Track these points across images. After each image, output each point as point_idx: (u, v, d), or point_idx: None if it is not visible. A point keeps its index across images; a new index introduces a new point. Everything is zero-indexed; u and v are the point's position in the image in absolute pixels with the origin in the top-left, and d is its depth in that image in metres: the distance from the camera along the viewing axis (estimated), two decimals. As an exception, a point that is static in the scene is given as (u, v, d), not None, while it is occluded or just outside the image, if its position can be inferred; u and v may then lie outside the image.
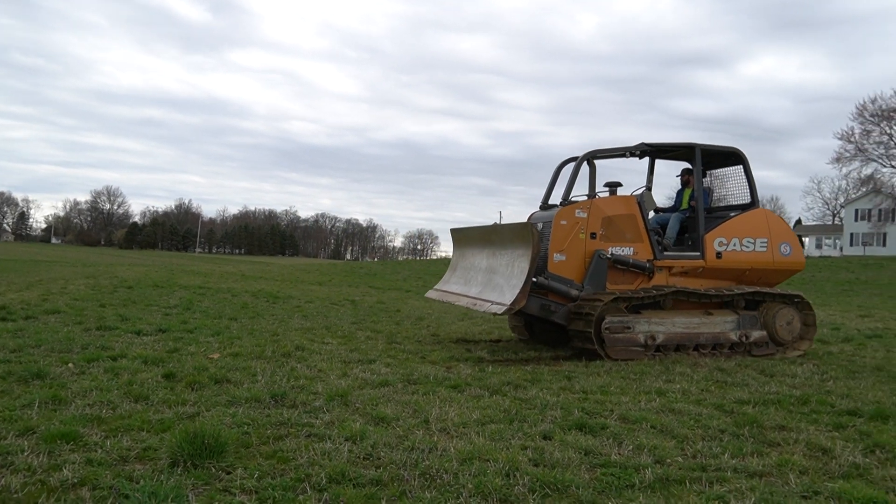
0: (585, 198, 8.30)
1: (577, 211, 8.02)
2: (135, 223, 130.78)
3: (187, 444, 3.45)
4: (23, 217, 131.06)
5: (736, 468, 3.71)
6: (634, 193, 8.52)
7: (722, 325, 8.05)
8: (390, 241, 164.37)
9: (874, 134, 50.60)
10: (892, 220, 56.55)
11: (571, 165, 8.44)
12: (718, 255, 8.31)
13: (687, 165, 9.24)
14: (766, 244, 8.49)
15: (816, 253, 65.73)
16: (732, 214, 8.68)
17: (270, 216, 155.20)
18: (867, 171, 51.90)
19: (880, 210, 55.25)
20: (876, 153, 50.88)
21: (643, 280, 8.16)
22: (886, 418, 4.92)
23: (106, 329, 8.31)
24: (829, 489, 3.39)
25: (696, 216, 8.50)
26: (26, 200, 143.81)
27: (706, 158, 8.95)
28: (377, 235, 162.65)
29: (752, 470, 3.69)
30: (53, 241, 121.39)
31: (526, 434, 4.26)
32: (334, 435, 4.06)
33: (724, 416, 4.91)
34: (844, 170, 53.75)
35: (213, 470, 3.39)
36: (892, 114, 49.47)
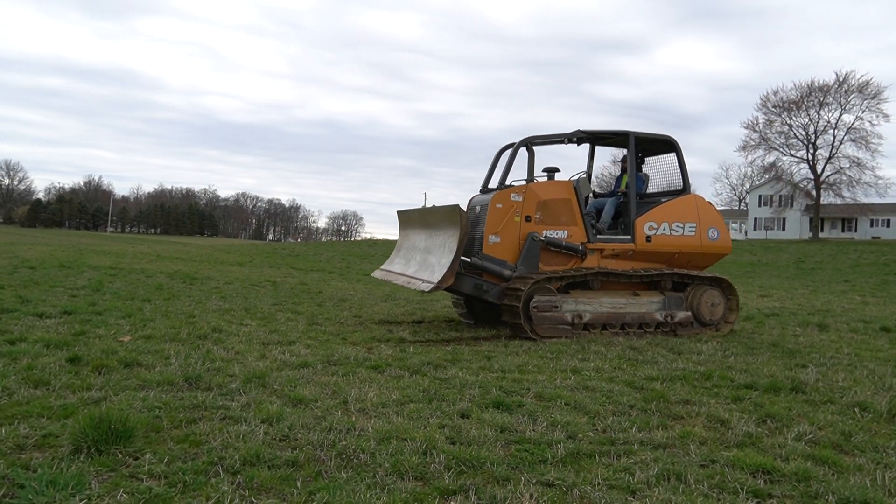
0: (524, 182, 8.56)
1: (512, 195, 8.27)
2: (38, 200, 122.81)
3: (91, 430, 3.30)
4: None
5: (642, 441, 3.90)
6: (572, 179, 8.76)
7: (648, 305, 8.38)
8: (314, 221, 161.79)
9: (776, 124, 53.72)
10: (791, 205, 60.38)
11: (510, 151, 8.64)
12: (648, 238, 8.62)
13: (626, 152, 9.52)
14: (694, 229, 8.82)
15: (724, 237, 69.37)
16: (664, 200, 9.03)
17: (188, 195, 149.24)
18: (770, 159, 55.11)
19: (780, 196, 58.80)
20: (777, 142, 54.06)
21: (576, 262, 8.43)
22: (778, 391, 5.29)
23: (3, 311, 7.80)
24: (724, 457, 3.62)
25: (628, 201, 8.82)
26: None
27: (642, 145, 9.27)
28: (300, 216, 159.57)
29: (657, 442, 3.88)
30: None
31: (444, 413, 4.32)
32: (250, 417, 3.99)
33: (634, 393, 5.14)
34: (749, 157, 56.89)
35: (120, 456, 3.26)
36: (791, 105, 52.57)
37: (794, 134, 53.23)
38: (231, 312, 9.08)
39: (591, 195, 9.59)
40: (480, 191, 9.04)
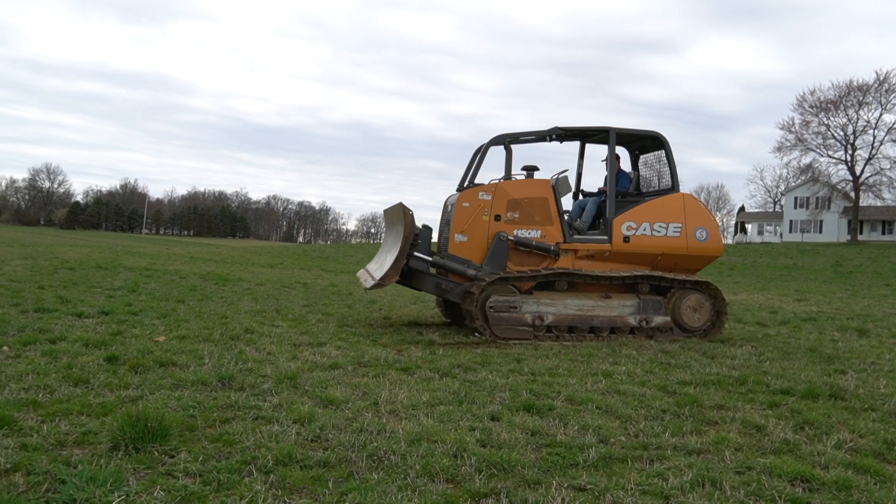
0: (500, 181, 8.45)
1: (480, 193, 8.16)
2: (77, 202, 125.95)
3: (129, 428, 3.37)
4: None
5: (676, 446, 3.84)
6: (554, 177, 8.59)
7: (620, 308, 8.02)
8: (343, 224, 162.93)
9: (813, 125, 52.57)
10: (829, 207, 58.99)
11: (491, 148, 8.52)
12: (626, 239, 8.22)
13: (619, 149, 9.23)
14: (679, 229, 8.29)
15: (758, 239, 68.10)
16: (648, 199, 8.67)
17: (220, 197, 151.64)
18: (806, 160, 53.98)
19: (817, 198, 57.51)
20: (814, 143, 52.90)
21: (550, 262, 8.21)
22: (816, 397, 5.16)
23: (44, 311, 8.01)
24: (761, 464, 3.55)
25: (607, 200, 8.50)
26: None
27: (630, 142, 9.03)
28: (330, 218, 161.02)
29: (691, 448, 3.82)
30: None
31: (474, 415, 4.31)
32: (282, 417, 4.03)
33: (667, 397, 5.07)
34: (785, 159, 55.99)
35: (156, 454, 3.32)
36: (829, 105, 51.40)
37: (832, 134, 52.07)
38: (263, 314, 9.19)
39: (578, 194, 9.42)
40: (457, 189, 8.87)
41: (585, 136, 9.07)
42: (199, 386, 4.73)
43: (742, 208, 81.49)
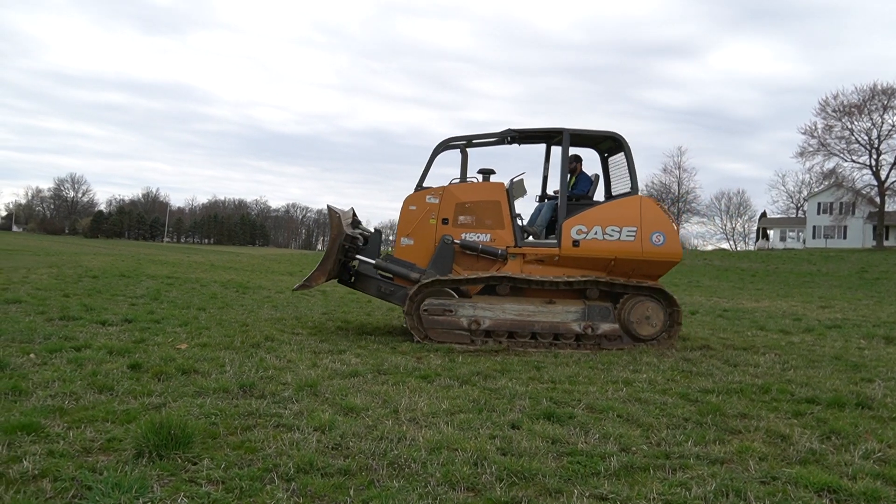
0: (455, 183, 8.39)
1: (427, 197, 8.12)
2: (100, 212, 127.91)
3: (153, 435, 3.41)
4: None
5: (698, 455, 3.79)
6: (512, 179, 8.50)
7: (563, 314, 7.75)
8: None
9: (836, 129, 51.97)
10: (853, 213, 58.07)
11: (447, 149, 8.49)
12: (575, 243, 7.93)
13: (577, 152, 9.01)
14: (633, 233, 7.90)
15: (781, 245, 67.20)
16: (602, 202, 8.44)
17: (240, 206, 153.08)
18: (829, 165, 53.32)
19: (841, 203, 56.69)
20: (837, 148, 52.28)
21: (500, 266, 8.07)
22: (843, 406, 5.07)
23: (69, 319, 8.13)
24: (786, 475, 3.49)
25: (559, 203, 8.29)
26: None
27: (596, 144, 8.85)
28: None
29: (714, 457, 3.77)
30: (14, 229, 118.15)
31: (494, 423, 4.30)
32: (303, 425, 4.05)
33: (689, 405, 5.02)
34: (808, 164, 55.20)
35: (180, 461, 3.36)
36: (852, 109, 50.73)
37: (856, 139, 51.41)
38: (283, 321, 9.25)
39: (545, 198, 9.25)
40: (415, 191, 8.74)
41: (539, 137, 8.82)
42: (221, 393, 4.77)
43: (764, 214, 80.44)
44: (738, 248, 73.77)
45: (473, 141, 8.55)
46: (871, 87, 49.95)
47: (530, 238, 8.38)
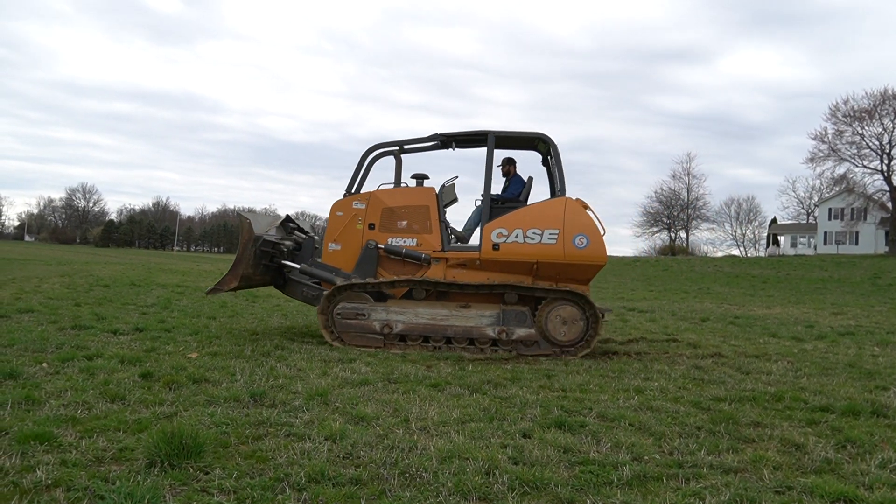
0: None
1: (354, 202, 8.20)
2: (111, 221, 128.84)
3: (165, 445, 3.42)
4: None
5: (712, 464, 3.76)
6: (443, 184, 8.49)
7: (477, 319, 7.68)
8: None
9: (847, 134, 51.65)
10: (865, 219, 57.65)
11: (377, 154, 8.52)
12: (495, 246, 7.79)
13: (510, 154, 9.00)
14: (555, 236, 7.70)
15: (791, 252, 66.75)
16: (528, 204, 8.29)
17: (250, 214, 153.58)
18: (840, 170, 52.99)
19: (853, 209, 56.27)
20: (848, 153, 51.92)
21: (425, 271, 8.04)
22: (858, 414, 5.02)
23: (81, 328, 8.18)
24: (801, 484, 3.46)
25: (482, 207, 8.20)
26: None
27: (523, 145, 8.78)
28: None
29: (728, 466, 3.74)
30: (27, 238, 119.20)
31: (505, 432, 4.29)
32: (314, 434, 4.05)
33: (701, 414, 4.98)
34: (818, 169, 54.87)
35: (191, 470, 3.36)
36: (863, 114, 50.44)
37: (867, 144, 51.06)
38: (293, 330, 9.27)
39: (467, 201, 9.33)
40: (344, 196, 8.74)
41: (466, 140, 8.68)
42: (232, 402, 4.78)
43: (774, 220, 79.94)
44: (749, 255, 73.32)
45: (406, 147, 8.59)
46: (881, 92, 49.69)
47: (458, 242, 8.40)
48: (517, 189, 8.63)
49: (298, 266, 8.34)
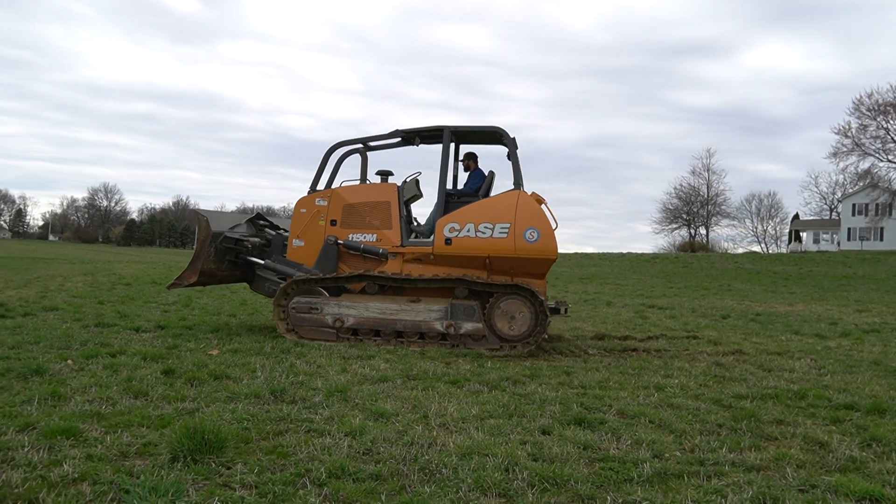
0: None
1: (317, 199, 8.30)
2: (132, 220, 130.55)
3: (187, 440, 3.46)
4: (20, 214, 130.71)
5: (734, 462, 3.73)
6: (405, 180, 8.51)
7: (426, 313, 7.70)
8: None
9: (871, 128, 50.72)
10: (890, 214, 56.62)
11: (340, 151, 8.59)
12: (448, 241, 7.82)
13: (472, 149, 8.96)
14: (506, 230, 7.70)
15: (814, 248, 65.81)
16: (480, 198, 8.29)
17: (269, 213, 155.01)
18: (864, 165, 52.05)
19: (877, 204, 55.33)
20: (872, 147, 51.02)
21: (383, 266, 8.10)
22: (883, 412, 4.94)
23: (105, 326, 8.31)
24: (825, 483, 3.41)
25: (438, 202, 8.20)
26: (23, 197, 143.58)
27: (472, 140, 8.84)
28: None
29: (750, 464, 3.71)
30: (51, 238, 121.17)
31: (525, 429, 4.28)
32: (334, 430, 4.07)
33: (722, 411, 4.93)
34: (841, 164, 53.95)
35: (214, 465, 3.40)
36: (888, 108, 49.54)
37: (892, 138, 50.12)
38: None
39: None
40: (308, 193, 8.76)
41: (424, 136, 8.67)
42: (253, 399, 4.82)
43: (796, 216, 78.84)
44: (770, 251, 72.39)
45: (370, 144, 8.65)
46: (906, 85, 48.73)
47: (416, 238, 8.41)
48: (476, 184, 8.63)
49: (262, 262, 8.49)
